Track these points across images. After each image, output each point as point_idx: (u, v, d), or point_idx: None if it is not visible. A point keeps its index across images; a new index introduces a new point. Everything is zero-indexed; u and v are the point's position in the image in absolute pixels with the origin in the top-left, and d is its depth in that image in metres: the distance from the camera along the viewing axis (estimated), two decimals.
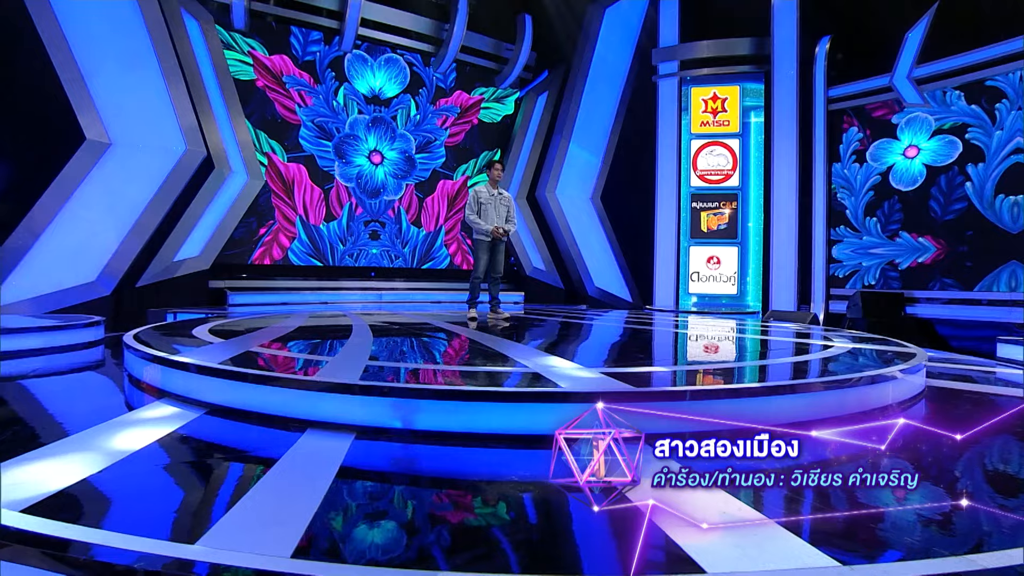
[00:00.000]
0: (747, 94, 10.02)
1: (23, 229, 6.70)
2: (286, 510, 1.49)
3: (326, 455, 1.97)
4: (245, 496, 1.60)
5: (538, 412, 2.08)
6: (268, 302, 8.34)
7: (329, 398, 2.28)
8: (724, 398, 2.21)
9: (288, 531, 1.34)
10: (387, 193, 10.15)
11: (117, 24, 6.99)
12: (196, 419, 2.45)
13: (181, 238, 7.83)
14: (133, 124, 7.06)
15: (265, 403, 2.41)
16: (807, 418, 2.35)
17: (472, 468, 1.98)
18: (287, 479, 1.77)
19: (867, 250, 8.73)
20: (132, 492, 1.66)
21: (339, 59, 9.69)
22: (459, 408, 2.14)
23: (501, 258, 5.83)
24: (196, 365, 2.60)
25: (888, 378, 2.85)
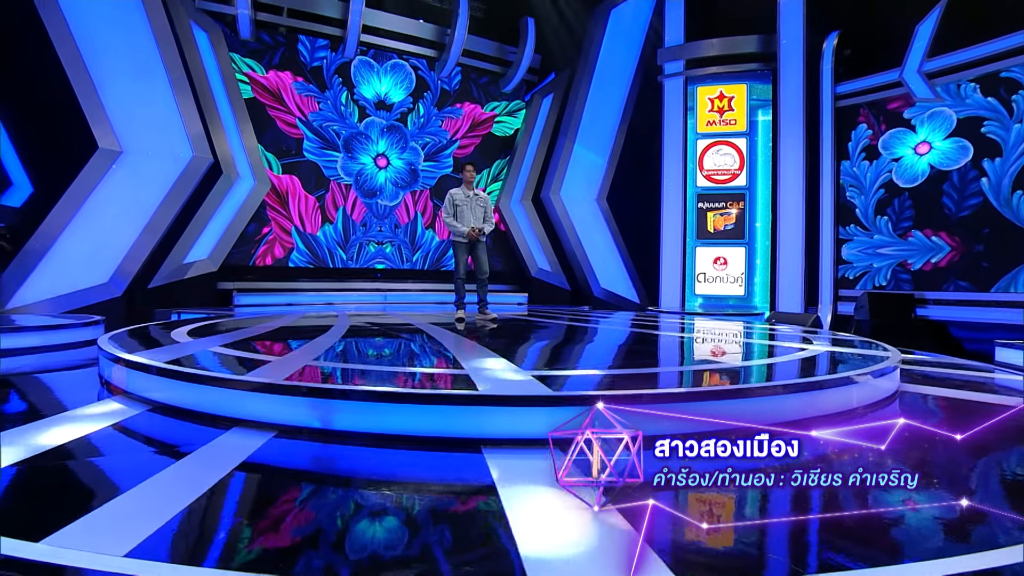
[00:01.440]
0: (754, 92, 9.75)
1: (41, 233, 6.98)
2: (158, 505, 1.49)
3: (234, 451, 1.97)
4: (130, 491, 1.61)
5: (444, 415, 2.04)
6: (273, 303, 8.50)
7: (254, 397, 2.29)
8: (629, 403, 2.12)
9: (142, 527, 1.34)
10: (382, 197, 10.20)
11: (128, 37, 7.22)
12: (136, 415, 2.50)
13: (191, 241, 8.04)
14: (143, 132, 7.29)
15: (198, 401, 2.43)
16: (748, 423, 2.25)
17: (373, 468, 1.95)
18: (182, 474, 1.78)
19: (877, 249, 8.38)
20: (22, 486, 1.69)
21: (346, 65, 9.82)
22: (373, 409, 2.12)
23: (483, 257, 5.80)
24: (141, 364, 2.65)
25: (847, 383, 2.71)
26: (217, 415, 2.35)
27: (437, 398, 2.07)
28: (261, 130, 9.08)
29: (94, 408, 2.62)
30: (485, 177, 11.14)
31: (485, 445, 2.02)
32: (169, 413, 2.51)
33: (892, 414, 2.77)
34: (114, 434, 2.25)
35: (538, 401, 2.04)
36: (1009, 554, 1.26)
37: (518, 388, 2.18)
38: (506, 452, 1.97)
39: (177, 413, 2.49)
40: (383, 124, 10.13)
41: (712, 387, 2.35)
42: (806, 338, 4.48)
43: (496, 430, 2.04)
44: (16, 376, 3.78)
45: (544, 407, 2.04)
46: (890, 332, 7.58)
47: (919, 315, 7.80)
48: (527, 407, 2.03)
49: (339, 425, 2.16)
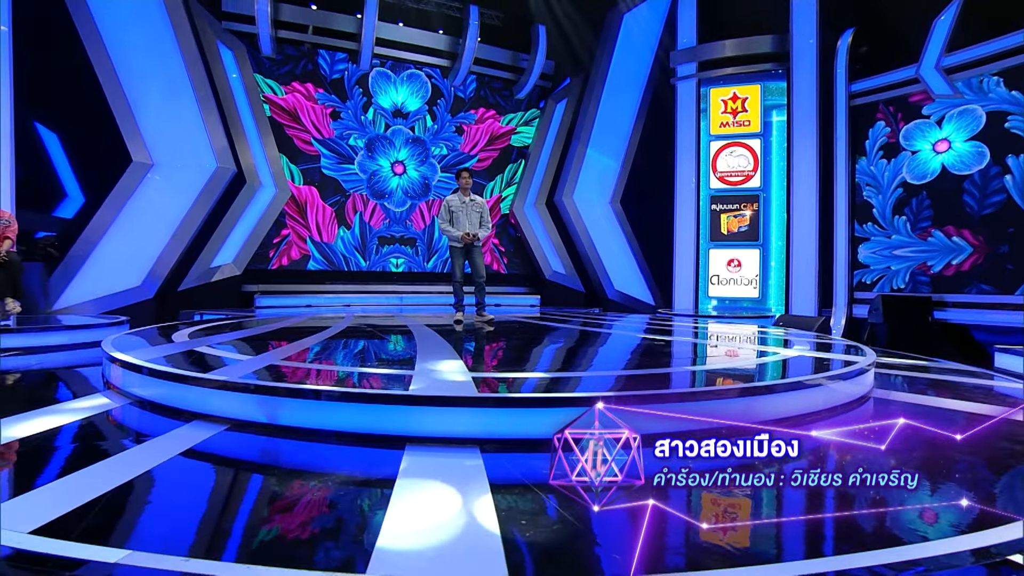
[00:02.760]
0: (769, 93, 9.52)
1: (84, 240, 7.49)
2: (87, 487, 1.64)
3: (183, 441, 2.13)
4: (72, 474, 1.77)
5: (373, 413, 2.13)
6: (293, 304, 8.83)
7: (212, 393, 2.44)
8: (557, 407, 2.16)
9: (60, 507, 1.49)
10: (390, 201, 10.41)
11: (160, 60, 7.66)
12: (117, 407, 2.70)
13: (217, 246, 8.45)
14: (172, 146, 7.72)
15: (168, 396, 2.61)
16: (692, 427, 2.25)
17: (298, 460, 2.07)
18: (128, 459, 1.94)
19: (895, 251, 8.04)
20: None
21: (364, 77, 10.11)
22: (311, 406, 2.24)
23: (479, 261, 5.87)
24: (125, 362, 2.86)
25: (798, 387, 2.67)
26: (182, 409, 2.52)
27: (365, 397, 2.17)
28: (280, 148, 9.44)
29: (84, 401, 2.83)
30: (499, 182, 11.25)
31: (410, 443, 2.10)
32: (145, 407, 2.69)
33: (850, 419, 2.70)
34: (89, 424, 2.45)
35: (460, 402, 2.11)
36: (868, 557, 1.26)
37: (449, 389, 2.26)
38: (427, 449, 2.05)
39: (151, 407, 2.67)
40: (409, 135, 10.38)
41: (639, 392, 2.37)
42: (787, 341, 4.38)
43: (422, 429, 2.12)
44: (39, 370, 4.11)
45: (466, 407, 2.11)
46: (905, 336, 7.28)
47: (937, 318, 7.44)
48: (450, 407, 2.11)
49: (283, 421, 2.29)
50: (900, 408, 2.95)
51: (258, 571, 1.18)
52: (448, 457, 1.97)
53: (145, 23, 7.57)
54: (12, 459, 2.01)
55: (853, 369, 3.00)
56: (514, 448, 2.08)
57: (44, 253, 7.44)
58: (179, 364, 2.82)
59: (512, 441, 2.10)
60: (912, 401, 3.08)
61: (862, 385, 3.12)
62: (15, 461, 2.00)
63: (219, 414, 2.41)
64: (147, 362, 2.76)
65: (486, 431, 2.10)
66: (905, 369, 4.28)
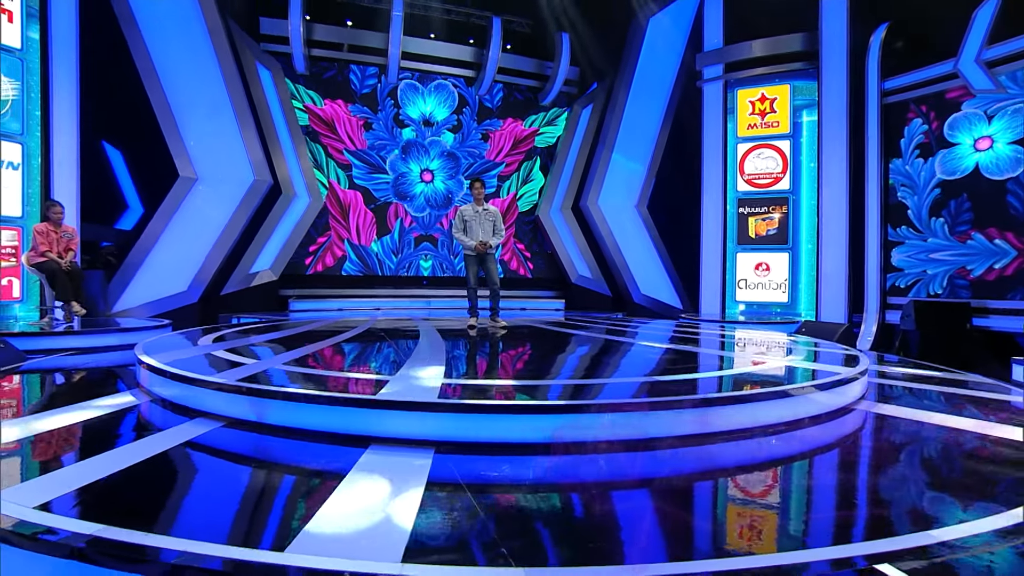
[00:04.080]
0: (799, 92, 9.28)
1: (137, 249, 8.19)
2: (92, 470, 1.95)
3: (184, 435, 2.43)
4: (85, 460, 2.08)
5: (341, 415, 2.37)
6: (325, 308, 9.31)
7: (211, 394, 2.74)
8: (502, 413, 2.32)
9: (65, 486, 1.79)
10: (409, 204, 10.78)
11: (203, 81, 8.29)
12: (137, 404, 3.06)
13: (255, 253, 9.04)
14: (213, 161, 8.33)
15: (179, 396, 2.93)
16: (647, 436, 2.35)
17: (274, 454, 2.31)
18: (134, 448, 2.25)
19: (931, 254, 7.69)
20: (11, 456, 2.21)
21: (394, 89, 10.53)
22: (291, 407, 2.49)
23: (493, 268, 6.04)
24: (147, 364, 3.22)
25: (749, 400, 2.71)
26: (188, 407, 2.84)
27: (335, 400, 2.40)
28: (318, 146, 10.03)
29: (115, 399, 3.21)
30: (515, 180, 11.43)
31: (375, 442, 2.32)
32: (160, 404, 3.04)
33: (812, 436, 2.71)
34: (110, 418, 2.80)
35: (417, 407, 2.31)
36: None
37: (411, 395, 2.46)
38: (387, 449, 2.26)
39: (165, 404, 3.01)
40: (444, 148, 10.76)
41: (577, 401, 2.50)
42: (791, 349, 4.35)
43: (383, 430, 2.34)
44: (94, 368, 4.60)
45: (422, 412, 2.31)
46: (940, 344, 6.95)
47: (977, 325, 7.07)
48: (408, 411, 2.31)
49: (270, 420, 2.55)
50: (873, 422, 2.94)
51: (194, 545, 1.41)
52: (402, 456, 2.17)
53: (191, 49, 8.21)
54: (41, 446, 2.36)
55: (827, 381, 3.00)
56: (467, 451, 2.26)
57: (105, 261, 8.19)
58: (192, 367, 3.16)
59: (465, 444, 2.29)
60: (898, 415, 3.04)
61: (843, 396, 3.12)
62: (44, 448, 2.34)
63: (217, 412, 2.70)
64: (165, 365, 3.11)
65: (441, 434, 2.29)
66: (913, 379, 4.17)
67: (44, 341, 5.29)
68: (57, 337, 5.41)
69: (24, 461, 2.19)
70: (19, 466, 2.13)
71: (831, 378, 3.05)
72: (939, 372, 4.52)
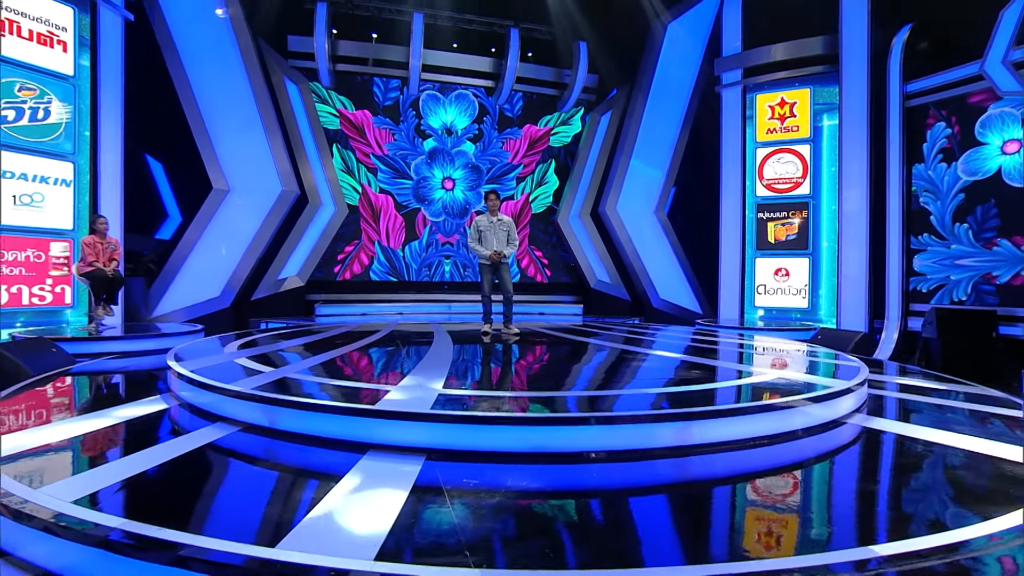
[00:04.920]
0: (819, 96, 9.16)
1: (174, 257, 8.68)
2: (124, 469, 2.20)
3: (206, 437, 2.69)
4: (119, 460, 2.35)
5: (341, 423, 2.58)
6: (350, 313, 9.65)
7: (229, 400, 3.00)
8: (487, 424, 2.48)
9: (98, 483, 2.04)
10: (426, 207, 11.09)
11: (234, 97, 8.73)
12: (167, 408, 3.34)
13: (284, 260, 9.45)
14: (244, 173, 8.77)
15: (202, 401, 3.20)
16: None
17: (283, 457, 2.54)
18: (162, 449, 2.51)
19: (956, 260, 7.50)
20: (52, 454, 2.49)
21: (416, 100, 10.83)
22: (297, 415, 2.72)
23: (506, 276, 6.22)
24: (175, 371, 3.51)
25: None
26: (209, 412, 3.10)
27: (336, 409, 2.61)
28: (349, 151, 10.45)
29: (142, 403, 3.51)
30: (530, 182, 11.58)
31: (372, 449, 2.52)
32: (186, 408, 3.32)
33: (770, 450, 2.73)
34: (143, 420, 3.09)
35: (410, 417, 2.50)
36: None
37: (405, 405, 2.65)
38: (382, 455, 2.45)
39: (191, 409, 3.29)
40: (470, 160, 11.03)
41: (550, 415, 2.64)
42: (789, 360, 4.39)
43: (379, 438, 2.53)
44: (133, 371, 4.98)
45: (414, 422, 2.49)
46: (964, 353, 6.78)
47: (1003, 334, 6.88)
48: (401, 421, 2.51)
49: (280, 426, 2.78)
50: (861, 438, 2.99)
51: (198, 539, 1.63)
52: (394, 463, 2.36)
53: (224, 68, 8.66)
54: (81, 446, 2.64)
55: (814, 395, 3.06)
56: (455, 458, 2.43)
57: (146, 269, 8.71)
58: (215, 374, 3.43)
59: (453, 452, 2.46)
60: (889, 430, 3.08)
61: (832, 410, 3.17)
62: (84, 448, 2.63)
63: (235, 417, 2.96)
64: (191, 372, 3.39)
65: (431, 443, 2.47)
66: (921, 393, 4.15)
67: (91, 345, 5.72)
68: (102, 342, 5.84)
69: (65, 459, 2.48)
70: (62, 464, 2.41)
71: (818, 392, 3.11)
72: (953, 385, 4.48)
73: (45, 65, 6.62)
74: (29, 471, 2.23)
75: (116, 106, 7.25)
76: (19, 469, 2.23)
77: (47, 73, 6.64)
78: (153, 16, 8.03)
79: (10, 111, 6.34)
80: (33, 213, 6.64)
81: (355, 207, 10.42)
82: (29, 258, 6.62)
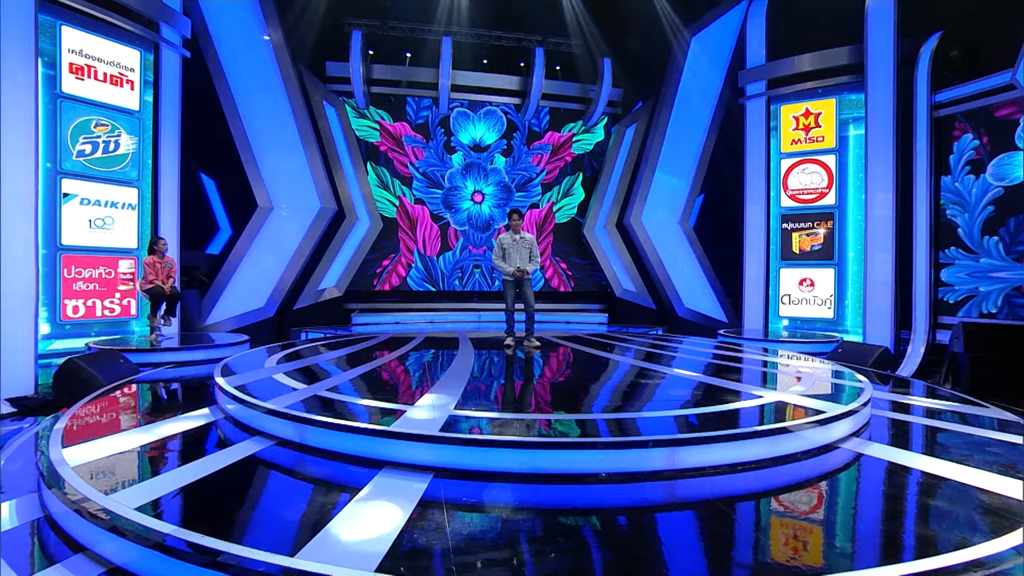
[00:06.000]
0: (845, 106, 9.01)
1: (224, 271, 9.30)
2: (179, 478, 2.56)
3: (248, 450, 3.04)
4: (178, 468, 2.71)
5: (360, 442, 2.87)
6: (384, 321, 10.09)
7: (264, 417, 3.34)
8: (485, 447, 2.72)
9: (159, 490, 2.39)
10: (453, 215, 11.41)
11: (277, 120, 9.29)
12: (214, 421, 3.73)
13: (323, 272, 9.97)
14: (286, 191, 9.31)
15: (242, 415, 3.57)
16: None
17: (309, 470, 2.85)
18: (211, 459, 2.86)
19: (987, 274, 7.27)
20: (116, 461, 2.87)
21: (446, 117, 11.20)
22: (323, 433, 3.03)
23: (529, 292, 6.48)
24: (220, 386, 3.91)
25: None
26: (248, 426, 3.46)
27: (355, 430, 2.91)
28: (390, 162, 10.93)
29: (194, 415, 3.91)
30: (556, 193, 11.76)
31: (388, 466, 2.80)
32: (230, 421, 3.70)
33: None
34: (194, 433, 3.47)
35: (420, 439, 2.77)
36: None
37: (417, 427, 2.92)
38: (395, 472, 2.73)
39: (233, 422, 3.66)
40: (503, 179, 11.36)
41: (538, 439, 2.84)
42: (800, 378, 4.45)
43: (394, 456, 2.81)
44: (188, 379, 5.47)
45: (423, 443, 2.76)
46: (995, 369, 6.56)
47: None
48: (412, 442, 2.78)
49: (310, 442, 3.11)
50: (852, 464, 3.07)
51: (235, 548, 1.93)
52: (404, 480, 2.63)
53: (267, 93, 9.23)
54: (140, 456, 3.03)
55: (802, 422, 3.16)
56: (459, 477, 2.68)
57: (199, 281, 9.36)
58: (255, 390, 3.80)
59: (457, 471, 2.71)
60: (883, 457, 3.14)
61: (825, 435, 3.25)
62: (141, 458, 3.01)
63: (270, 432, 3.30)
64: (233, 389, 3.77)
65: (438, 462, 2.73)
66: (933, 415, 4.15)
67: (151, 356, 6.28)
68: (161, 352, 6.39)
69: (131, 468, 2.86)
70: (128, 471, 2.79)
71: (810, 419, 3.20)
72: (969, 407, 4.44)
73: (116, 103, 7.27)
74: (102, 478, 2.61)
75: (174, 135, 7.86)
76: (94, 476, 2.61)
77: (117, 110, 7.29)
78: (206, 50, 8.64)
79: (87, 145, 7.00)
80: (104, 235, 7.29)
81: (392, 219, 10.88)
82: (101, 275, 7.28)
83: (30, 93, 5.65)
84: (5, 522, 2.51)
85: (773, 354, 6.41)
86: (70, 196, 6.93)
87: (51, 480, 2.56)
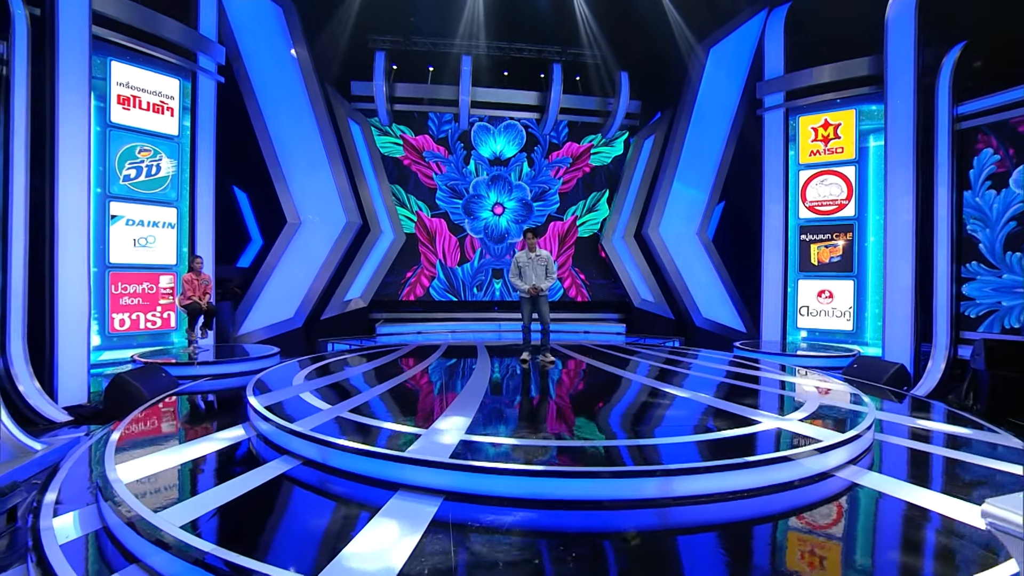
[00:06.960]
0: (865, 117, 8.93)
1: (255, 283, 9.75)
2: (217, 497, 2.85)
3: (278, 469, 3.33)
4: (214, 487, 3.00)
5: (376, 465, 3.12)
6: (408, 331, 10.41)
7: (291, 438, 3.63)
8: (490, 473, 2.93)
9: (199, 510, 2.68)
10: (470, 223, 11.64)
11: (304, 138, 9.70)
12: (246, 438, 4.04)
13: (349, 283, 10.34)
14: (313, 206, 9.71)
15: (271, 435, 3.87)
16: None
17: (332, 488, 3.11)
18: (245, 478, 3.16)
19: (1010, 290, 7.15)
20: (155, 480, 3.19)
21: (467, 132, 11.47)
22: (342, 456, 3.29)
23: (544, 308, 6.69)
24: (253, 406, 4.22)
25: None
26: (278, 445, 3.76)
27: (373, 454, 3.16)
28: (405, 180, 11.29)
29: (229, 434, 4.23)
30: (581, 207, 11.91)
31: (402, 488, 3.04)
32: (262, 439, 4.00)
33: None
34: (229, 452, 3.79)
35: (431, 464, 3.00)
36: None
37: (428, 452, 3.16)
38: (408, 494, 2.96)
39: (263, 440, 3.97)
40: (526, 196, 11.62)
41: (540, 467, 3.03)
42: (800, 404, 4.54)
43: (408, 479, 3.05)
44: (224, 391, 5.84)
45: (434, 468, 2.99)
46: (1018, 387, 6.44)
47: None
48: (424, 467, 3.01)
49: (332, 463, 3.37)
50: (844, 494, 3.18)
51: (263, 566, 2.19)
52: (416, 502, 2.86)
53: (295, 112, 9.64)
54: (183, 474, 3.35)
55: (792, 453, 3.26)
56: (467, 500, 2.90)
57: (233, 293, 9.83)
58: (285, 409, 4.10)
59: (465, 495, 2.94)
60: (877, 487, 3.21)
61: (820, 464, 3.36)
62: (185, 475, 3.33)
63: (297, 452, 3.58)
64: (263, 408, 4.08)
65: (447, 486, 2.96)
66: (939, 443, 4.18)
67: (190, 369, 6.70)
68: (198, 366, 6.81)
69: (175, 486, 3.18)
70: (172, 489, 3.11)
71: (803, 449, 3.31)
72: (980, 432, 4.46)
73: (158, 129, 7.75)
74: (151, 496, 2.92)
75: (209, 157, 8.31)
76: (144, 494, 2.92)
77: (159, 136, 7.78)
78: (239, 73, 9.09)
79: (132, 170, 7.50)
80: (147, 252, 7.78)
81: (412, 235, 11.21)
82: (144, 290, 7.77)
83: (84, 125, 6.11)
84: (70, 531, 2.84)
85: (785, 372, 6.46)
86: (117, 217, 7.43)
87: (107, 495, 2.89)
